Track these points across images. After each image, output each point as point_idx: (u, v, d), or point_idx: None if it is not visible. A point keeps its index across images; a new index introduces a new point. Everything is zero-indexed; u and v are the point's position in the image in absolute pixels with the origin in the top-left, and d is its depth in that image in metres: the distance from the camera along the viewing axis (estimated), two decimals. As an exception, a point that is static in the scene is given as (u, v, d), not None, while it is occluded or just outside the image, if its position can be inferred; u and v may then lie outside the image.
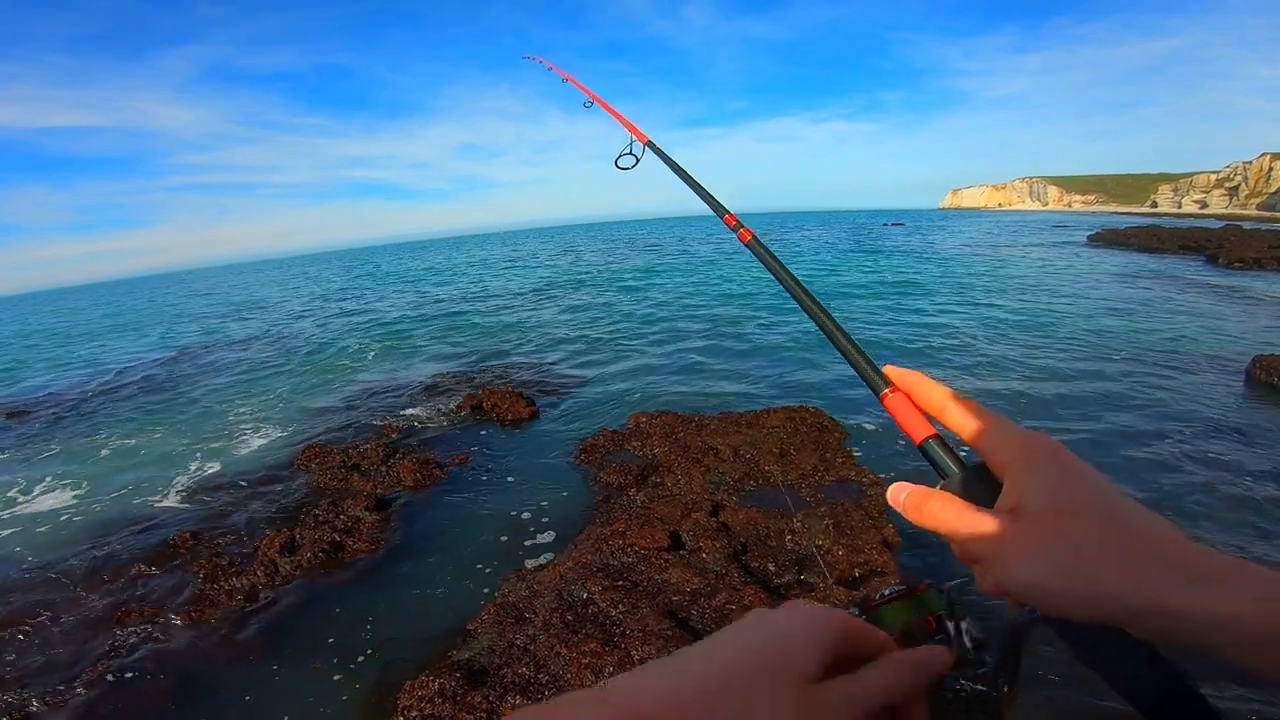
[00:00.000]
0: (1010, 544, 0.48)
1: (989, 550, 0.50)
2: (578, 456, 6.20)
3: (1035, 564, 0.47)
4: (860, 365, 0.69)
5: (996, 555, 0.49)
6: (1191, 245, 27.54)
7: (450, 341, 14.52)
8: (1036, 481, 0.49)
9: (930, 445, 0.60)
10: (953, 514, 0.53)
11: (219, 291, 47.96)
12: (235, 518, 5.80)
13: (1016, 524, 0.49)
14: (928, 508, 0.54)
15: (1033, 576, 0.47)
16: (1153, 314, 13.17)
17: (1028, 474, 0.50)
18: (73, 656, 4.03)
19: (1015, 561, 0.48)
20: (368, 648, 3.98)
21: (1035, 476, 0.50)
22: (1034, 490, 0.49)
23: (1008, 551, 0.48)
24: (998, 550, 0.49)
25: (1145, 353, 9.89)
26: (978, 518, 0.51)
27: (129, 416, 10.56)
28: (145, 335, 23.48)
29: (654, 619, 3.46)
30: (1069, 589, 0.45)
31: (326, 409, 9.53)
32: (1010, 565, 0.48)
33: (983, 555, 0.50)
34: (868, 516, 4.48)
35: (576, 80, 2.67)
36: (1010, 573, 0.48)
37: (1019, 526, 0.48)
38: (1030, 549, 0.47)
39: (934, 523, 0.54)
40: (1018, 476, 0.51)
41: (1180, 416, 6.95)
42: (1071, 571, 0.45)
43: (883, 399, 0.64)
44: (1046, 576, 0.46)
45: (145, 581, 4.84)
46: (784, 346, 11.33)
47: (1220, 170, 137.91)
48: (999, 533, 0.49)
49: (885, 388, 0.64)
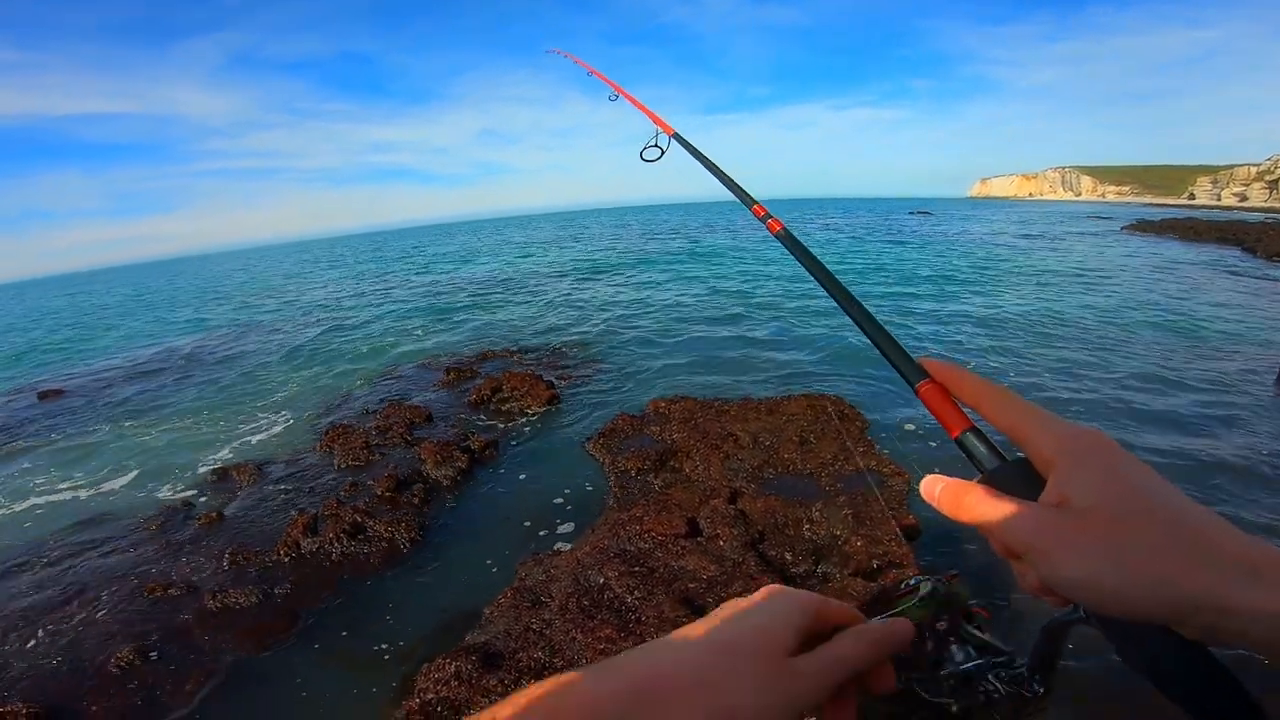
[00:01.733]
0: (1058, 539, 0.45)
1: (1033, 545, 0.46)
2: (596, 441, 6.20)
3: (1086, 559, 0.44)
4: (893, 356, 0.66)
5: (1042, 551, 0.46)
6: (1229, 238, 26.84)
7: (470, 325, 14.59)
8: (1086, 476, 0.46)
9: (967, 437, 0.56)
10: (993, 508, 0.50)
11: (245, 274, 48.66)
12: (260, 499, 5.89)
13: (1064, 518, 0.46)
14: (966, 501, 0.51)
15: (1083, 572, 0.44)
16: (1184, 307, 12.84)
17: (1076, 468, 0.47)
18: (100, 636, 4.12)
19: (1064, 557, 0.45)
20: (386, 629, 4.03)
21: (1084, 470, 0.47)
22: (1083, 485, 0.46)
23: (1055, 547, 0.45)
24: (1044, 545, 0.46)
25: (1175, 346, 9.65)
26: (1021, 511, 0.48)
27: (153, 399, 10.77)
28: (171, 319, 23.93)
29: (670, 606, 3.45)
30: (1122, 585, 0.42)
31: (349, 391, 9.64)
32: (1058, 561, 0.45)
33: (1027, 550, 0.47)
34: (888, 507, 4.42)
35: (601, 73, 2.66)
36: (1058, 569, 0.45)
37: (1067, 521, 0.45)
38: (1080, 544, 0.44)
39: (972, 517, 0.51)
40: (1065, 471, 0.47)
41: (1210, 414, 6.77)
42: (1125, 567, 0.42)
43: (917, 390, 0.61)
44: (1098, 572, 0.43)
45: (171, 560, 4.94)
46: (808, 335, 11.22)
47: (1261, 163, 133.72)
48: (1045, 527, 0.46)
49: (920, 379, 0.61)
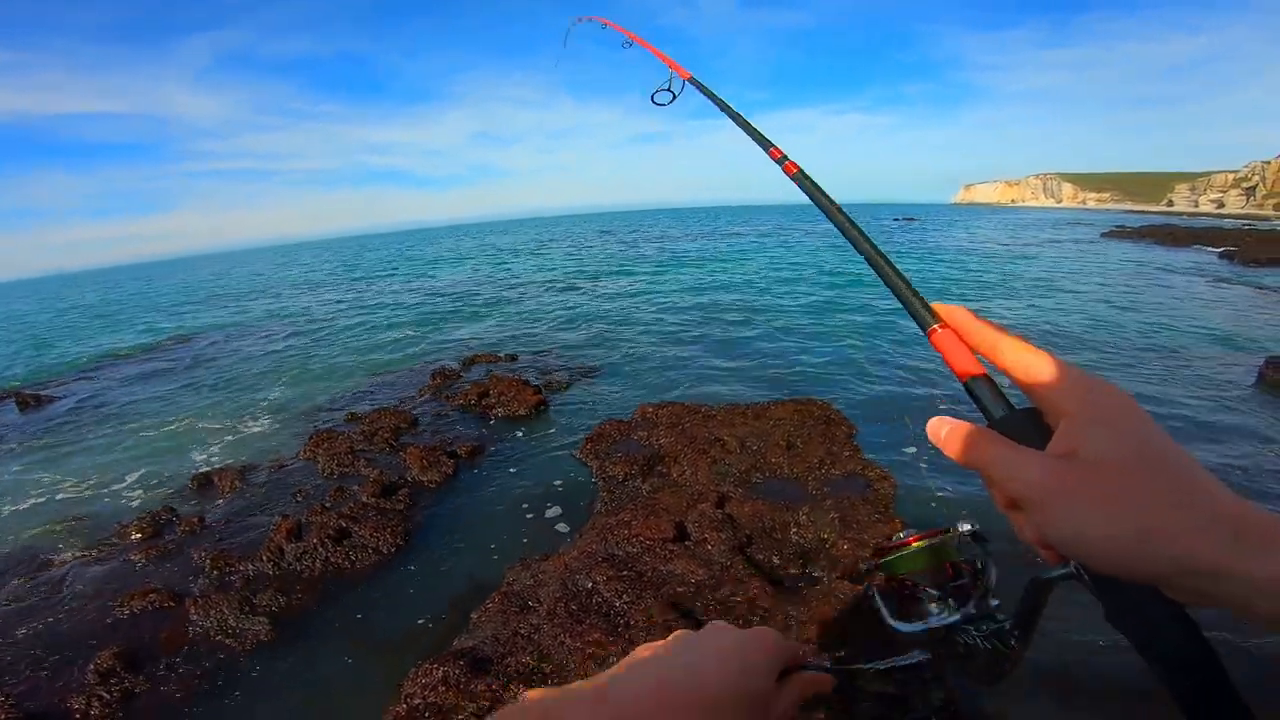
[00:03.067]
0: (1060, 489, 0.44)
1: (1034, 495, 0.46)
2: (584, 446, 6.19)
3: (1086, 513, 0.43)
4: (909, 299, 0.66)
5: (1043, 501, 0.45)
6: (1207, 243, 27.34)
7: (457, 329, 14.54)
8: (1099, 429, 0.45)
9: (976, 383, 0.56)
10: (997, 451, 0.49)
11: (235, 277, 48.16)
12: (243, 504, 5.83)
13: (1070, 469, 0.45)
14: (971, 443, 0.50)
15: (1081, 526, 0.43)
16: (1163, 310, 13.04)
17: (1089, 420, 0.46)
18: (80, 640, 4.06)
19: (1064, 508, 0.44)
20: (372, 635, 4.00)
21: (1098, 424, 0.46)
22: (1095, 438, 0.45)
23: (1056, 497, 0.44)
24: (1045, 495, 0.45)
25: (1155, 349, 9.80)
26: (1026, 458, 0.47)
27: (137, 404, 10.64)
28: (155, 322, 23.64)
29: (658, 610, 3.45)
30: (1118, 542, 0.42)
31: (335, 396, 9.56)
32: (1057, 512, 0.44)
33: (1028, 500, 0.46)
34: (874, 511, 4.45)
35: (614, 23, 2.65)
36: (1056, 520, 0.44)
37: (1072, 472, 0.45)
38: (1082, 496, 0.43)
39: (977, 459, 0.50)
40: (1076, 421, 0.46)
41: (1189, 415, 6.87)
42: (1125, 523, 0.42)
43: (930, 335, 0.60)
44: (1096, 526, 0.43)
45: (153, 567, 4.88)
46: (797, 341, 11.29)
47: (1238, 170, 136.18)
48: (1049, 477, 0.45)
49: (934, 323, 0.60)
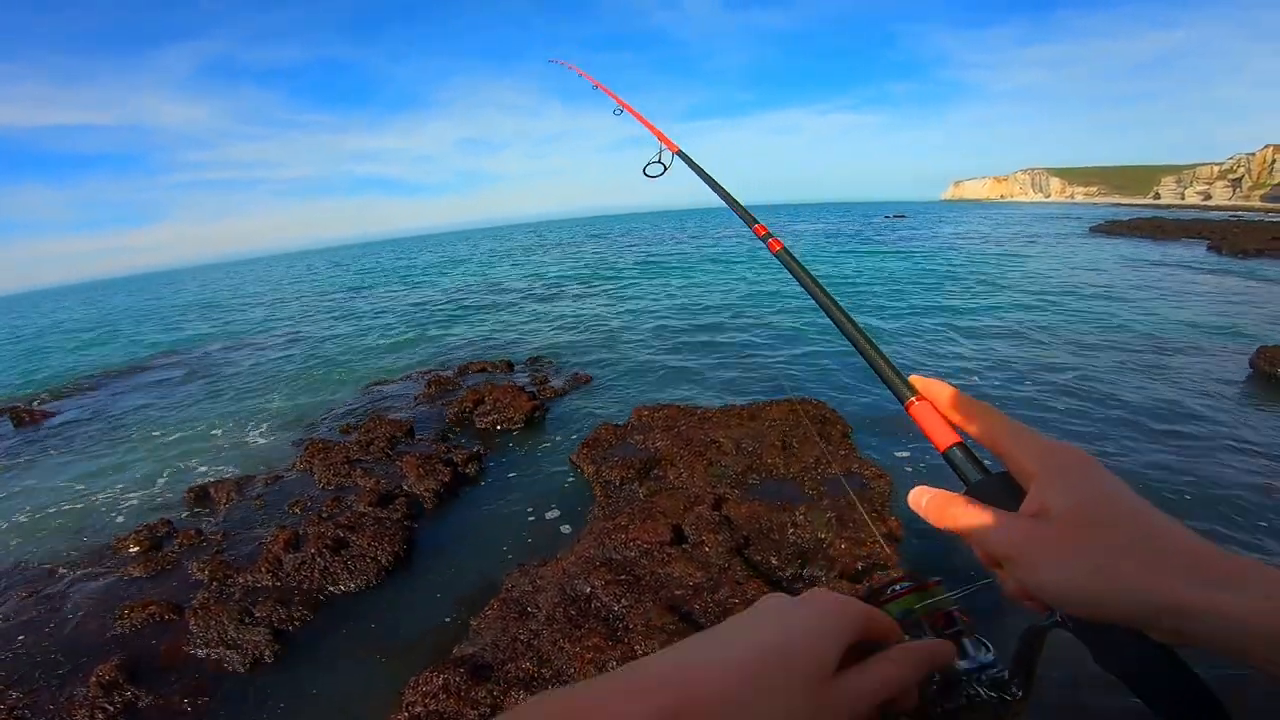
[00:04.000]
0: (1036, 545, 0.49)
1: (1014, 552, 0.50)
2: (580, 451, 6.19)
3: (1061, 564, 0.47)
4: (887, 374, 0.70)
5: (1022, 557, 0.49)
6: (1195, 235, 27.55)
7: (451, 337, 14.52)
8: (1061, 487, 0.50)
9: (954, 452, 0.60)
10: (976, 517, 0.53)
11: (222, 288, 47.96)
12: (240, 516, 5.81)
13: (1042, 526, 0.49)
14: (950, 511, 0.56)
15: (1059, 576, 0.47)
16: (1154, 303, 13.14)
17: (1053, 480, 0.51)
18: (80, 653, 4.04)
19: (1041, 562, 0.48)
20: (372, 643, 3.99)
21: (1060, 482, 0.50)
22: (1059, 495, 0.50)
23: (1033, 552, 0.49)
24: (1023, 552, 0.49)
25: (1147, 342, 9.86)
26: (1002, 520, 0.52)
27: (131, 417, 10.59)
28: (145, 335, 23.53)
29: (657, 613, 3.46)
30: (1094, 588, 0.45)
31: (330, 407, 9.54)
32: (1036, 566, 0.49)
33: (1008, 556, 0.51)
34: (870, 509, 4.48)
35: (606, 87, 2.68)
36: (1036, 573, 0.49)
37: (1045, 529, 0.49)
38: (1056, 550, 0.48)
39: (957, 525, 0.55)
40: (1043, 482, 0.51)
41: (1181, 407, 6.93)
42: (1097, 571, 0.45)
43: (908, 407, 0.65)
44: (1072, 576, 0.46)
45: (152, 580, 4.86)
46: (791, 342, 11.32)
47: (1224, 162, 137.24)
48: (1024, 535, 0.50)
49: (911, 396, 0.64)
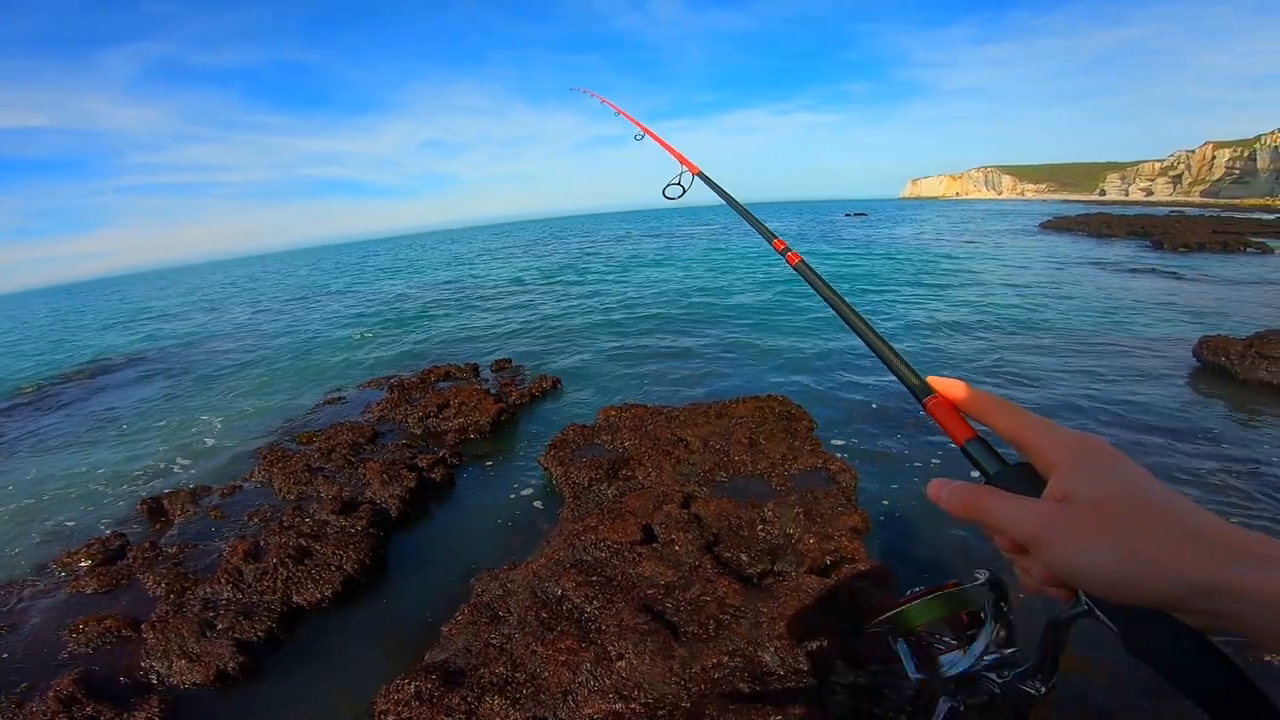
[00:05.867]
0: (1066, 527, 0.49)
1: (1043, 534, 0.50)
2: (547, 453, 6.15)
3: (1093, 545, 0.47)
4: (905, 375, 0.71)
5: (1052, 539, 0.50)
6: (1139, 231, 28.63)
7: (414, 341, 14.30)
8: (1087, 474, 0.51)
9: (972, 445, 0.61)
10: (999, 504, 0.54)
11: (176, 292, 46.39)
12: (197, 528, 5.63)
13: (1070, 510, 0.50)
14: (974, 500, 0.55)
15: (1091, 557, 0.47)
16: (1100, 299, 13.61)
17: (1076, 467, 0.52)
18: (36, 668, 3.87)
19: (1070, 545, 0.48)
20: (340, 653, 3.92)
21: (1086, 469, 0.51)
22: (1086, 481, 0.50)
23: (1063, 534, 0.49)
24: (1053, 534, 0.50)
25: (1093, 337, 10.22)
26: (1029, 505, 0.52)
27: (73, 429, 10.18)
28: (85, 342, 22.64)
29: (629, 614, 3.46)
30: (1128, 567, 0.45)
31: (289, 412, 9.31)
32: (1066, 547, 0.49)
33: (1035, 541, 0.51)
34: (837, 503, 4.55)
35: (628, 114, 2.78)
36: (1066, 555, 0.49)
37: (1070, 513, 0.49)
38: (1087, 530, 0.48)
39: (981, 514, 0.55)
40: (1066, 470, 0.52)
41: (1131, 399, 7.19)
42: (1131, 550, 0.45)
43: (926, 405, 0.66)
44: (1106, 556, 0.46)
45: (107, 594, 4.68)
46: (757, 339, 11.41)
47: (1165, 159, 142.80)
48: (1053, 517, 0.50)
49: (928, 395, 0.66)
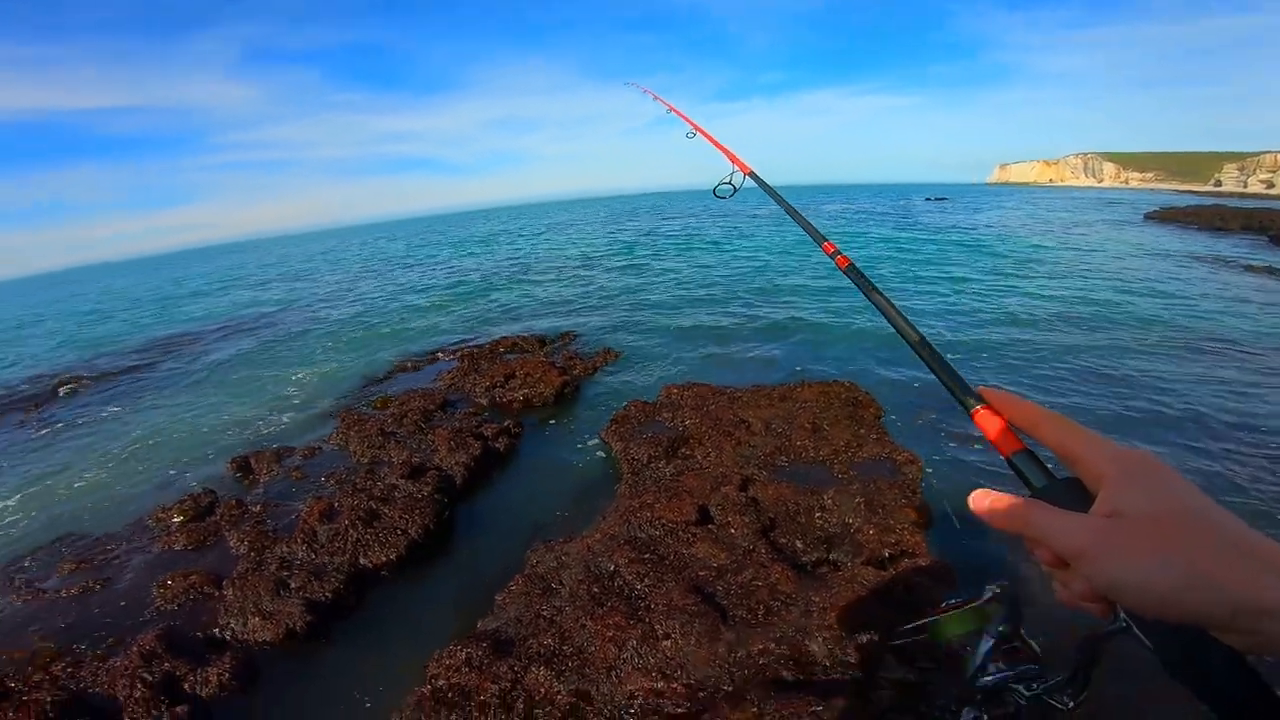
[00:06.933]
0: (1111, 542, 0.48)
1: (1088, 549, 0.49)
2: (608, 428, 6.19)
3: (1138, 560, 0.46)
4: (950, 383, 0.71)
5: (1096, 553, 0.49)
6: (1255, 226, 26.37)
7: (484, 313, 14.64)
8: (1136, 489, 0.50)
9: (1018, 456, 0.60)
10: (1046, 517, 0.53)
11: (271, 263, 49.00)
12: (279, 486, 5.96)
13: (1117, 526, 0.49)
14: (1018, 513, 0.54)
15: (1135, 574, 0.46)
16: (1209, 298, 12.59)
17: (1127, 483, 0.51)
18: (123, 621, 4.19)
19: (1116, 559, 0.48)
20: (399, 616, 4.07)
21: (1134, 485, 0.50)
22: (1136, 497, 0.49)
23: (1108, 549, 0.48)
24: (1097, 548, 0.49)
25: (1195, 339, 9.45)
26: (1075, 519, 0.51)
27: (174, 388, 10.94)
28: (184, 310, 24.21)
29: (679, 594, 3.44)
30: (1172, 583, 0.45)
31: (366, 378, 9.73)
32: (1110, 562, 0.48)
33: (1080, 556, 0.50)
34: (901, 495, 4.38)
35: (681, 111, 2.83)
36: (1110, 570, 0.48)
37: (1121, 526, 0.49)
38: (1132, 546, 0.47)
39: (1025, 528, 0.54)
40: (1115, 485, 0.51)
41: (1233, 410, 6.64)
42: (1176, 567, 0.45)
43: (973, 415, 0.64)
44: (1150, 572, 0.46)
45: (194, 550, 5.01)
46: (824, 322, 11.14)
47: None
48: (1099, 532, 0.49)
49: (977, 404, 0.64)
